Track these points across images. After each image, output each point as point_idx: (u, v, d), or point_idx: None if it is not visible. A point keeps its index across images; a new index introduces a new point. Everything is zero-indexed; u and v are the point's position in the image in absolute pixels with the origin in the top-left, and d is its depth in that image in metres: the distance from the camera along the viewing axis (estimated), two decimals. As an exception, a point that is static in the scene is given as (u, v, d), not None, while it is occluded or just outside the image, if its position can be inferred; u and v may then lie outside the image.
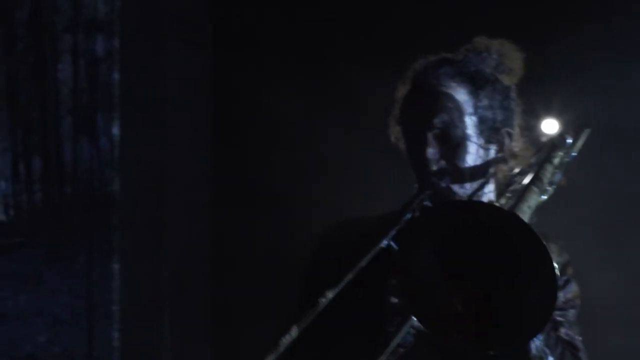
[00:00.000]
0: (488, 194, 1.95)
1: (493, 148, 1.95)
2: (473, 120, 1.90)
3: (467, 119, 1.90)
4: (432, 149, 1.88)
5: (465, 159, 1.90)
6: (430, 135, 1.89)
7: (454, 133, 1.89)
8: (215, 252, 3.72)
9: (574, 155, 2.02)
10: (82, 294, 3.46)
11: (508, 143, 1.97)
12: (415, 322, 1.63)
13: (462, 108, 1.90)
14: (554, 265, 1.49)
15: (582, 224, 3.07)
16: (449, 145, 1.89)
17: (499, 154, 1.96)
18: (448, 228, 1.57)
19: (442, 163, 1.89)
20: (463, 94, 1.91)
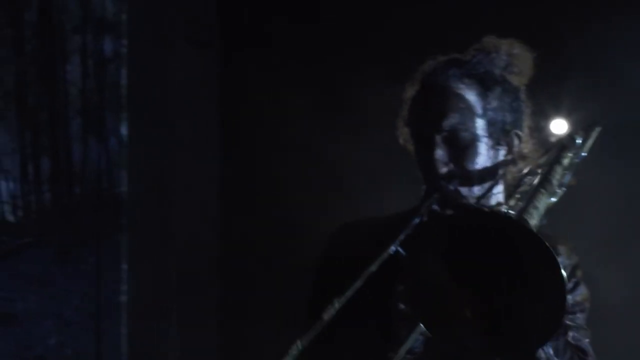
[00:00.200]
0: (497, 195, 1.94)
1: (502, 150, 1.93)
2: (482, 123, 1.89)
3: (476, 121, 1.88)
4: (440, 152, 1.87)
5: (474, 162, 1.88)
6: (439, 138, 1.87)
7: (463, 135, 1.87)
8: (223, 252, 3.72)
9: (584, 156, 2.01)
10: (91, 296, 3.46)
11: (517, 145, 1.95)
12: (423, 328, 1.62)
13: (471, 110, 1.89)
14: (563, 274, 1.48)
15: (592, 225, 3.06)
16: (458, 148, 1.87)
17: (508, 156, 1.94)
18: (456, 235, 1.56)
19: (450, 166, 1.87)
20: (472, 96, 1.90)
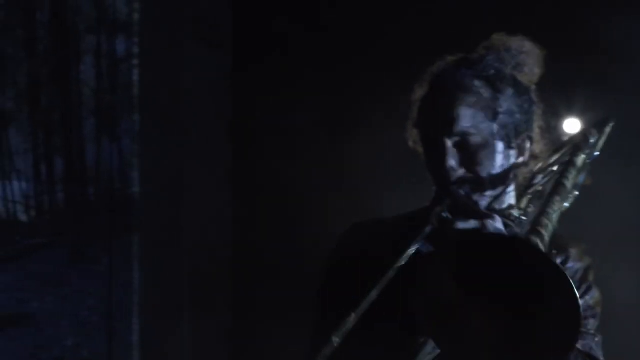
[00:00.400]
0: (509, 193, 1.92)
1: (513, 153, 1.91)
2: (493, 126, 1.86)
3: (487, 125, 1.86)
4: (451, 157, 1.84)
5: (486, 166, 1.85)
6: (450, 143, 1.84)
7: (474, 140, 1.84)
8: (235, 252, 3.72)
9: (597, 155, 1.99)
10: (105, 296, 3.47)
11: (528, 147, 1.93)
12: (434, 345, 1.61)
13: (482, 114, 1.86)
14: (577, 295, 1.46)
15: (604, 225, 3.04)
16: (469, 153, 1.84)
17: (520, 159, 1.92)
18: (468, 252, 1.55)
19: (461, 171, 1.85)
20: (482, 100, 1.87)
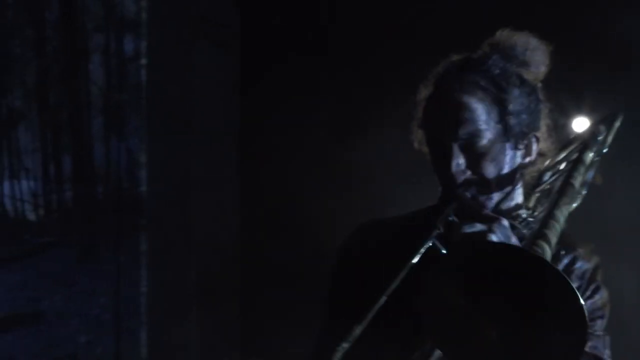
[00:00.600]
0: (517, 193, 1.91)
1: (520, 153, 1.89)
2: (499, 127, 1.84)
3: (493, 127, 1.84)
4: (458, 160, 1.82)
5: (492, 168, 1.84)
6: (456, 146, 1.82)
7: (480, 142, 1.82)
8: (242, 251, 3.72)
9: (606, 151, 1.97)
10: (114, 295, 3.47)
11: (535, 147, 1.91)
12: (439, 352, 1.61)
13: (487, 116, 1.84)
14: (583, 306, 1.45)
15: (611, 224, 3.03)
16: (475, 155, 1.82)
17: (526, 159, 1.90)
18: (475, 261, 1.54)
19: (468, 173, 1.83)
20: (488, 101, 1.85)
